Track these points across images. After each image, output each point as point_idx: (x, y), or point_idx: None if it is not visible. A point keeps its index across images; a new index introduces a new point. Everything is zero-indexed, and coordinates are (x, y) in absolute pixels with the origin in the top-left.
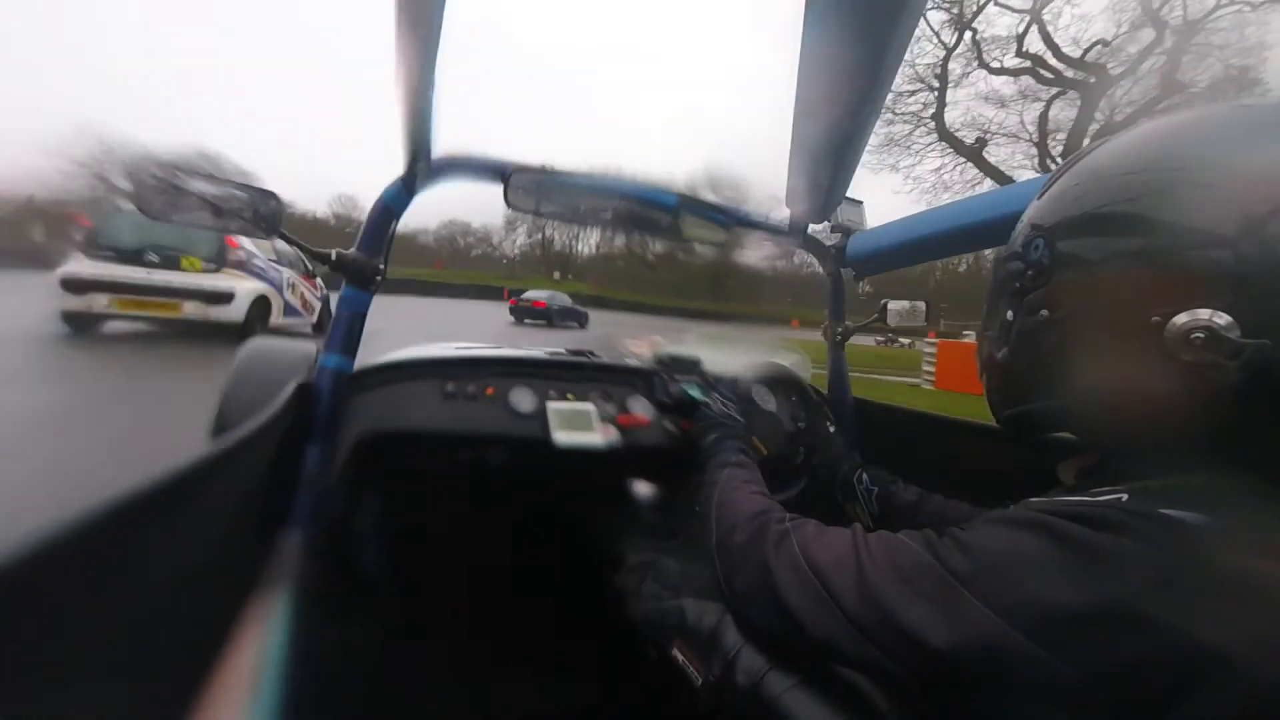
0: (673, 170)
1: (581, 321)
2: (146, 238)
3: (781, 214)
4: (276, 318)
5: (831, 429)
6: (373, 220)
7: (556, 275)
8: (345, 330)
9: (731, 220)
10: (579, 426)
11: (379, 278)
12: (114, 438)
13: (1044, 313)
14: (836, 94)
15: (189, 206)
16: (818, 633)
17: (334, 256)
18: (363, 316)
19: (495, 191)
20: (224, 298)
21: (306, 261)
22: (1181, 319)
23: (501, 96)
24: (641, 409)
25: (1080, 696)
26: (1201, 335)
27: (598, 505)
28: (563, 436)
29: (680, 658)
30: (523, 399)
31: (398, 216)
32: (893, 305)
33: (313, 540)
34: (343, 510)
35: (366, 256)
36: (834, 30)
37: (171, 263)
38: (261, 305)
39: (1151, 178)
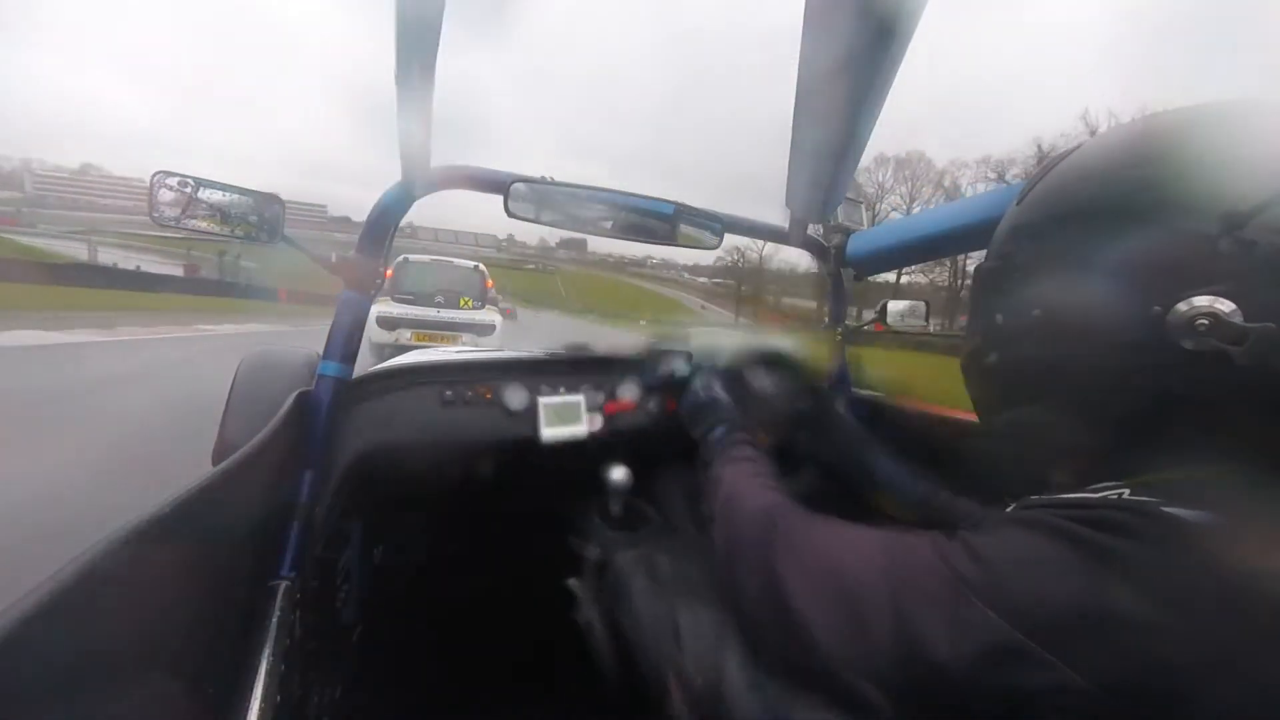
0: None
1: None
2: (434, 284)
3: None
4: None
5: (840, 409)
6: (372, 223)
7: None
8: (345, 336)
9: (726, 226)
10: (567, 419)
11: (379, 281)
12: None
13: (1036, 311)
14: (836, 94)
15: (199, 215)
16: (834, 648)
17: (334, 259)
18: (363, 322)
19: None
20: (488, 329)
21: None
22: (1183, 307)
23: (500, 99)
24: (629, 394)
25: (1088, 706)
26: (1206, 322)
27: (585, 500)
28: (549, 432)
29: (673, 664)
30: (516, 397)
31: (397, 221)
32: (893, 305)
33: (302, 581)
34: (332, 543)
35: (366, 260)
36: (834, 30)
37: (453, 302)
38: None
39: (1146, 170)
